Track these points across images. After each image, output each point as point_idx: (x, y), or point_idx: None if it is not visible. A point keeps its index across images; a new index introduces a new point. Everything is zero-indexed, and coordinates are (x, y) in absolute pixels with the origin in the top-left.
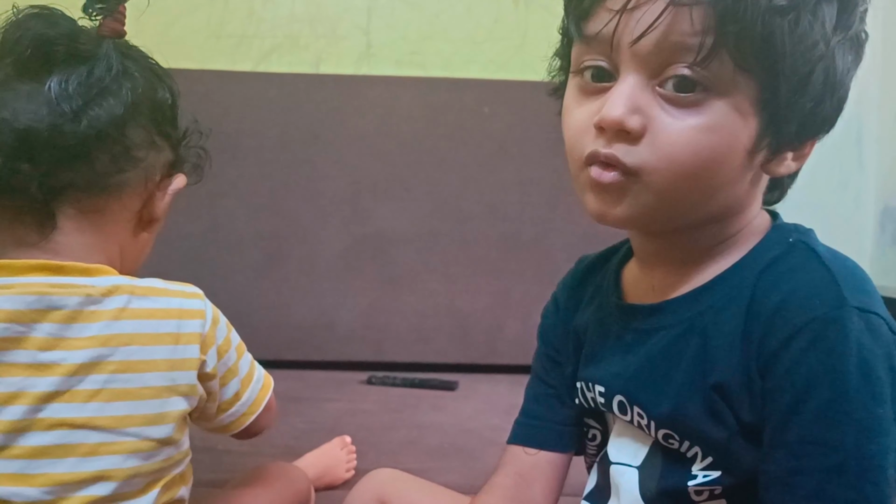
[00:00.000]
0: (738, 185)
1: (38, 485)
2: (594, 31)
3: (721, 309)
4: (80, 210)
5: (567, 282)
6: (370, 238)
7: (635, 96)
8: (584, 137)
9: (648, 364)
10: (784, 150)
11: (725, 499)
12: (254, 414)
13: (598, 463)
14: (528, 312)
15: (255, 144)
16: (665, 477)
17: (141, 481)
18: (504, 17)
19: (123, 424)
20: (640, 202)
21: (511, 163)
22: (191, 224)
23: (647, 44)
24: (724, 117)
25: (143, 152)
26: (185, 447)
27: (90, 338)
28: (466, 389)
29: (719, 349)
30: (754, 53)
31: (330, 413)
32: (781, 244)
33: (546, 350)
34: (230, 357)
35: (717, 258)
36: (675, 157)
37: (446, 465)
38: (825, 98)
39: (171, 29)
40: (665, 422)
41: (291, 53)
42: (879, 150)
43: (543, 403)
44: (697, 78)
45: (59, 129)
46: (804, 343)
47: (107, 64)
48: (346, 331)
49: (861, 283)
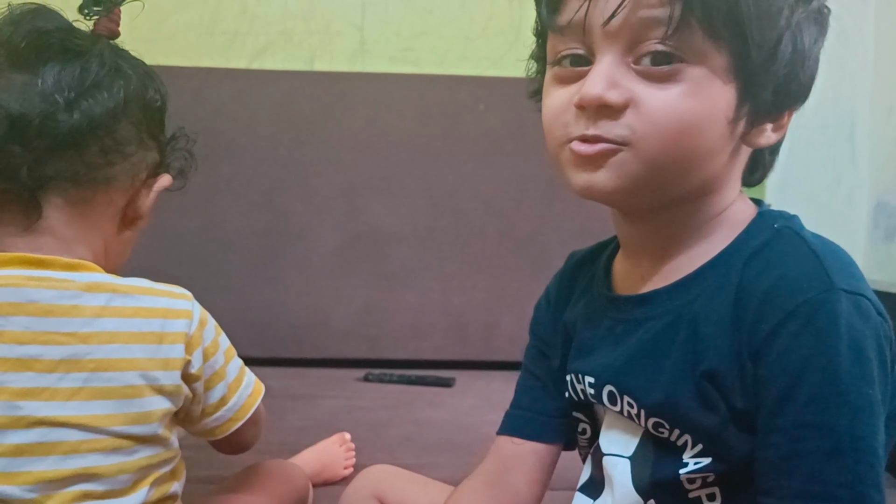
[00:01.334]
0: (719, 156)
1: (21, 483)
2: (567, 20)
3: (710, 297)
4: (66, 200)
5: (558, 277)
6: (365, 235)
7: (613, 73)
8: (563, 116)
9: (639, 354)
10: (763, 119)
11: (718, 486)
12: (240, 421)
13: (591, 455)
14: (524, 309)
15: (249, 142)
16: (657, 466)
17: (129, 478)
18: (498, 14)
19: (105, 423)
20: (625, 171)
21: (506, 159)
22: (185, 222)
23: (618, 23)
24: (701, 83)
25: (132, 148)
26: (174, 446)
27: (69, 334)
28: (463, 386)
29: (709, 337)
30: (722, 21)
31: (327, 410)
32: (767, 230)
33: (535, 342)
34: (217, 360)
35: (703, 244)
36: (660, 124)
37: (443, 461)
38: (796, 66)
39: (163, 26)
40: (656, 411)
41: (285, 50)
42: (872, 146)
43: (530, 395)
44: (671, 50)
45: (53, 118)
46: (795, 327)
47: (100, 60)
48: (341, 328)
49: (848, 267)
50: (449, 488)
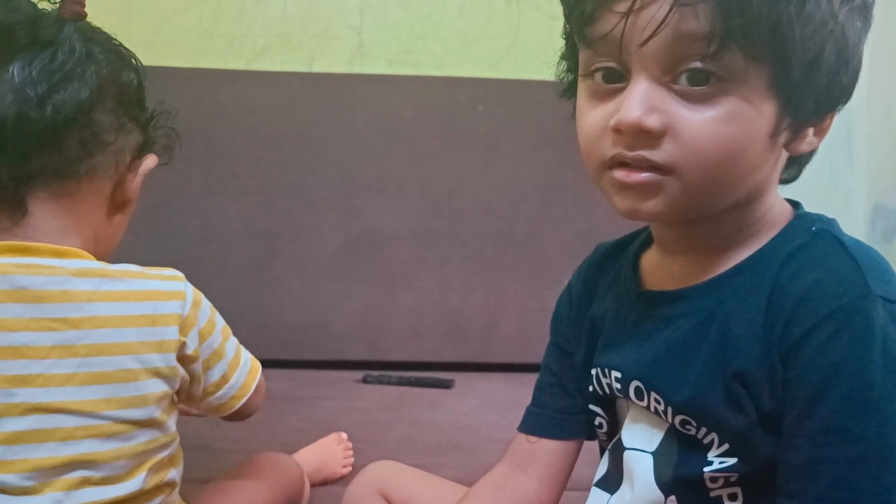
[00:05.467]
0: (762, 168)
1: (17, 471)
2: (600, 35)
3: (743, 297)
4: (51, 194)
5: (582, 270)
6: (364, 237)
7: (650, 96)
8: (601, 141)
9: (668, 351)
10: (804, 127)
11: (740, 486)
12: (244, 397)
13: (609, 450)
14: (523, 310)
15: (248, 143)
16: (681, 463)
17: (126, 463)
18: (496, 17)
19: (100, 408)
20: (671, 198)
21: (505, 161)
22: (183, 223)
23: (656, 44)
24: (741, 106)
25: (112, 135)
26: (171, 430)
27: (61, 319)
28: (462, 387)
29: (741, 337)
30: (764, 43)
31: (326, 411)
32: (805, 233)
33: (555, 339)
34: (214, 339)
35: (740, 246)
36: (700, 151)
37: (444, 462)
38: (839, 71)
39: (163, 28)
40: (684, 409)
41: (284, 52)
42: (869, 148)
43: (547, 392)
44: (711, 69)
45: (26, 116)
46: (829, 332)
47: (69, 47)
48: (340, 330)
49: (886, 274)
50: (453, 486)
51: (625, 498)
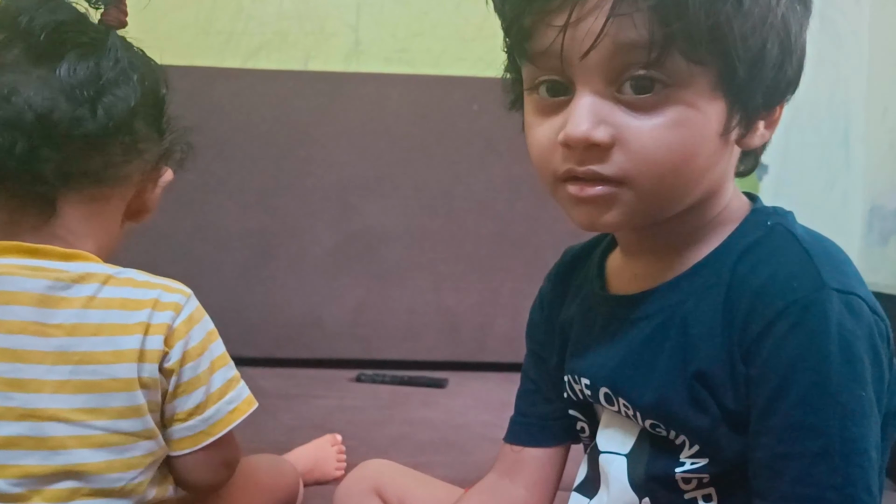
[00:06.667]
0: (717, 167)
1: (7, 476)
2: (541, 50)
3: (701, 296)
4: (83, 197)
5: (552, 275)
6: (359, 235)
7: (596, 108)
8: (552, 155)
9: (631, 355)
10: (755, 122)
11: (714, 487)
12: (213, 436)
13: (587, 455)
14: (518, 310)
15: (244, 141)
16: (652, 463)
17: (120, 476)
18: (493, 15)
19: (91, 418)
20: (627, 207)
21: (500, 160)
22: (179, 221)
23: (597, 55)
24: (687, 110)
25: (145, 144)
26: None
27: (57, 325)
28: (456, 386)
29: (700, 337)
30: (705, 45)
31: (319, 410)
32: (760, 228)
33: (531, 346)
34: (200, 364)
35: (699, 244)
36: (651, 159)
37: (437, 460)
38: (784, 63)
39: (159, 25)
40: (650, 412)
41: (280, 50)
42: (866, 150)
43: (528, 400)
44: (654, 76)
45: (81, 118)
46: (784, 327)
47: (115, 55)
48: (335, 328)
49: (840, 265)
50: (448, 486)
51: (602, 502)
